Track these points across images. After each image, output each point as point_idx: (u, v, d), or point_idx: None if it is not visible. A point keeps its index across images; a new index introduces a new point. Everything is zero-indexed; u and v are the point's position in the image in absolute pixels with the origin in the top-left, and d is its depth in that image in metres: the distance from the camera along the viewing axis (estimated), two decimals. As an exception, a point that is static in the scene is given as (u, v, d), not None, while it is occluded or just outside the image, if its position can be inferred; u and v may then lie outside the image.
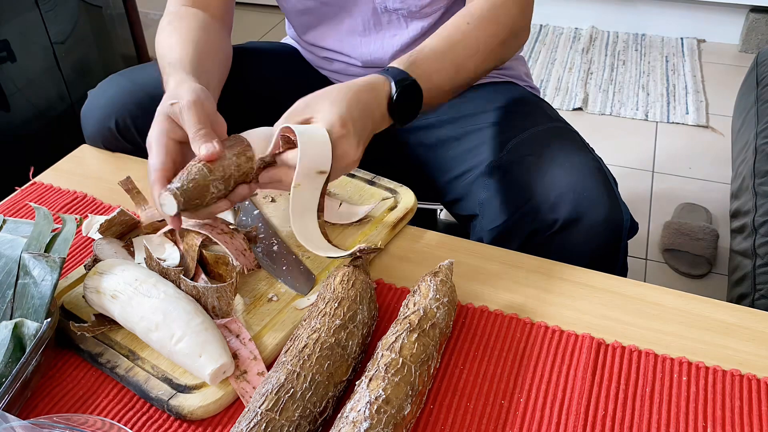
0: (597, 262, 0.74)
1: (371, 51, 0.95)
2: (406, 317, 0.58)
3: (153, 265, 0.66)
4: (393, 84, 0.69)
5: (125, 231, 0.75)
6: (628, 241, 0.79)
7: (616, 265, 0.77)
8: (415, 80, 0.70)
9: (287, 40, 1.12)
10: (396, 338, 0.56)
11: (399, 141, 0.98)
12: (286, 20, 1.07)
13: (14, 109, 1.63)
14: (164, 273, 0.65)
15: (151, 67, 0.98)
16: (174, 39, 0.79)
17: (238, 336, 0.62)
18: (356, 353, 0.58)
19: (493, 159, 0.83)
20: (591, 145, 0.87)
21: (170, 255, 0.69)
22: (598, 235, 0.75)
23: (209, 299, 0.63)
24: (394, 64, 0.71)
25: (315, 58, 1.03)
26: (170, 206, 0.62)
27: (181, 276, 0.64)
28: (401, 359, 0.54)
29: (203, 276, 0.67)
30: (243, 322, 0.64)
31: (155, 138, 0.66)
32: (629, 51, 2.65)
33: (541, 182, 0.77)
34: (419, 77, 0.70)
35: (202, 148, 0.62)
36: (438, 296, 0.60)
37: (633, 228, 0.79)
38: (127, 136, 0.91)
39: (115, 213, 0.72)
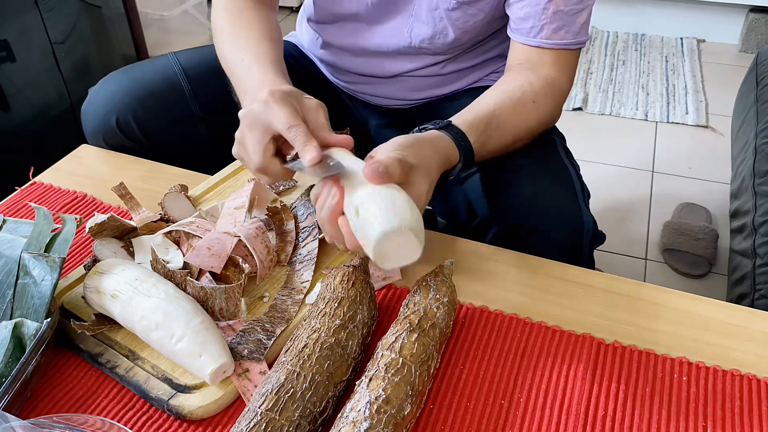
0: None
1: (385, 66, 0.95)
2: (406, 317, 0.58)
3: (158, 267, 0.66)
4: (461, 161, 0.69)
5: (119, 234, 0.74)
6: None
7: None
8: (474, 156, 0.71)
9: (290, 37, 1.11)
10: (396, 338, 0.56)
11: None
12: (303, 11, 1.05)
13: (14, 109, 1.62)
14: (169, 275, 0.65)
15: (150, 63, 0.98)
16: (254, 35, 0.79)
17: (238, 336, 0.62)
18: (356, 353, 0.58)
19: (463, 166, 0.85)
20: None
21: (174, 257, 0.69)
22: (557, 243, 0.77)
23: (217, 300, 0.63)
24: (466, 130, 0.71)
25: (320, 50, 1.02)
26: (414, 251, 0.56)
27: (188, 278, 0.64)
28: (401, 359, 0.54)
29: (208, 276, 0.66)
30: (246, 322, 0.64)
31: (286, 107, 0.63)
32: (629, 51, 2.65)
33: (504, 190, 0.79)
34: (480, 146, 0.71)
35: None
36: (438, 296, 0.60)
37: (597, 237, 0.80)
38: (128, 133, 0.91)
39: (105, 218, 0.72)
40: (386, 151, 0.61)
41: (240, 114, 0.65)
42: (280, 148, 0.66)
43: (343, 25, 0.93)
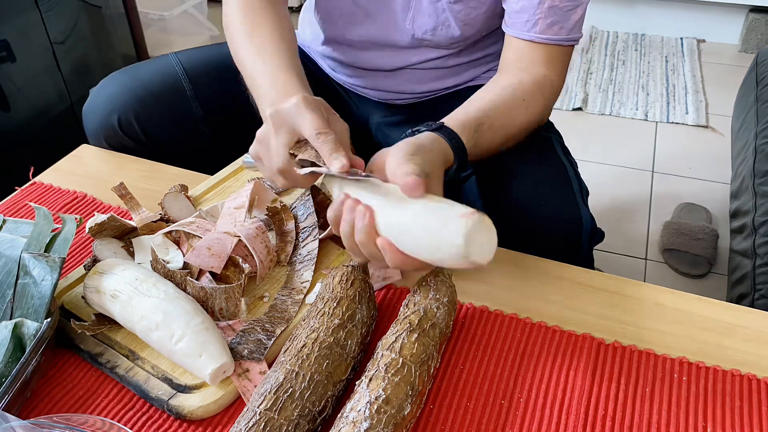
0: None
1: (388, 60, 0.95)
2: (406, 317, 0.58)
3: (158, 267, 0.66)
4: (456, 162, 0.69)
5: (119, 234, 0.74)
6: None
7: None
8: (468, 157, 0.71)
9: None
10: (396, 338, 0.56)
11: (387, 144, 0.99)
12: (304, 13, 1.05)
13: (14, 109, 1.63)
14: (169, 275, 0.65)
15: (151, 63, 0.98)
16: (274, 38, 0.77)
17: (238, 336, 0.62)
18: (355, 353, 0.58)
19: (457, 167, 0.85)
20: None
21: (174, 257, 0.69)
22: (555, 241, 0.77)
23: (217, 300, 0.63)
24: (459, 131, 0.70)
25: (322, 45, 1.02)
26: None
27: (188, 278, 0.64)
28: (401, 359, 0.54)
29: (207, 276, 0.66)
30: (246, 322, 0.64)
31: (314, 112, 0.63)
32: (629, 51, 2.65)
33: (503, 190, 0.79)
34: (473, 146, 0.71)
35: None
36: (438, 296, 0.60)
37: (596, 235, 0.80)
38: (129, 133, 0.91)
39: (105, 218, 0.72)
40: (398, 164, 0.59)
41: (267, 113, 0.65)
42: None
43: (345, 18, 0.93)
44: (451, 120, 0.72)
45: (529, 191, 0.79)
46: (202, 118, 0.95)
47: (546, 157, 0.84)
